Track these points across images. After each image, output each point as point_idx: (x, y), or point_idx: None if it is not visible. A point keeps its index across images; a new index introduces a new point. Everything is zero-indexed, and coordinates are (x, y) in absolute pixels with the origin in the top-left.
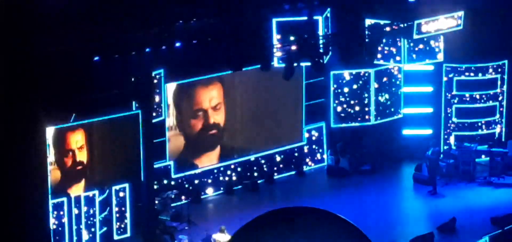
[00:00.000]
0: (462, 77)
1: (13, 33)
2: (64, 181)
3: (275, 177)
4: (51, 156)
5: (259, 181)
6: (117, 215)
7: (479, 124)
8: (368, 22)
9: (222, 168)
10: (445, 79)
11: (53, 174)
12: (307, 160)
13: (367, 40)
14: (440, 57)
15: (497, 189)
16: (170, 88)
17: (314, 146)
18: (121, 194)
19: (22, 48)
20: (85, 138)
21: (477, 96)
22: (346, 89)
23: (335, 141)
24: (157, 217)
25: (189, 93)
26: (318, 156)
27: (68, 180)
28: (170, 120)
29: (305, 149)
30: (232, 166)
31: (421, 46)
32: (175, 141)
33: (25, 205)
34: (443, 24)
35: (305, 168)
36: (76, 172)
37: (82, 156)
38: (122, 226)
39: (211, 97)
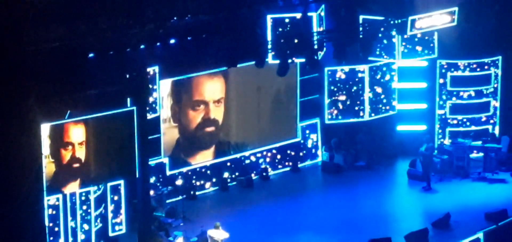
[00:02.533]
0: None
1: (6, 29)
2: (59, 177)
3: (270, 174)
4: (47, 149)
5: (254, 177)
6: (112, 211)
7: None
8: (363, 18)
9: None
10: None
11: (48, 167)
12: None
13: (361, 36)
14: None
15: (491, 184)
16: (168, 79)
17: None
18: (116, 191)
19: (16, 44)
20: (86, 135)
21: (472, 93)
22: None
23: (330, 137)
24: (152, 214)
25: (190, 83)
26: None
27: (63, 177)
28: (165, 113)
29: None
30: (228, 163)
31: None
32: (170, 134)
33: (20, 202)
34: (437, 20)
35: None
36: (72, 170)
37: (80, 153)
38: (118, 221)
39: (214, 89)
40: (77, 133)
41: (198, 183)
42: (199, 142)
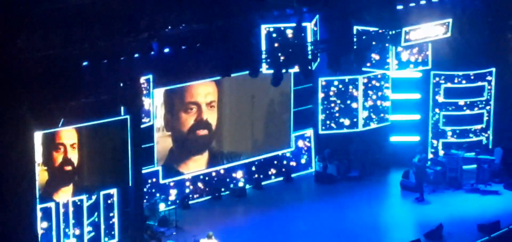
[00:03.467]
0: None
1: (1, 36)
2: (52, 183)
3: (262, 183)
4: (39, 157)
5: (246, 187)
6: (105, 220)
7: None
8: (357, 29)
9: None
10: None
11: (41, 175)
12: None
13: (355, 47)
14: None
15: (484, 196)
16: (162, 88)
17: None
18: (109, 199)
19: (9, 51)
20: (78, 138)
21: (464, 104)
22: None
23: (323, 148)
24: (145, 222)
25: (182, 87)
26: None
27: (56, 182)
28: (158, 122)
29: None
30: (222, 171)
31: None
32: (163, 143)
33: (12, 210)
34: (431, 31)
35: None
36: (65, 174)
37: (73, 155)
38: (110, 230)
39: (207, 92)
40: (68, 135)
41: (191, 186)
42: (192, 146)
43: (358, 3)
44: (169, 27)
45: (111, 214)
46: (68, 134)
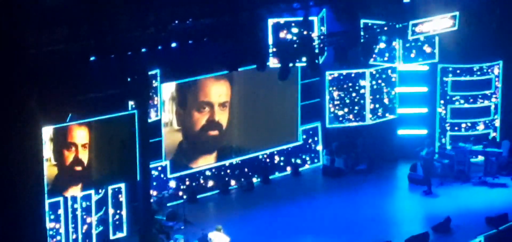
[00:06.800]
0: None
1: (8, 31)
2: (61, 180)
3: (270, 177)
4: (49, 151)
5: (255, 181)
6: (114, 214)
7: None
8: (364, 22)
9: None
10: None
11: (50, 171)
12: None
13: (362, 40)
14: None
15: (491, 189)
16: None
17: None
18: (118, 194)
19: (18, 46)
20: (90, 137)
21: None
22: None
23: (331, 141)
24: (153, 217)
25: (196, 85)
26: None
27: (65, 180)
28: (166, 116)
29: None
30: (227, 164)
31: None
32: (171, 137)
33: (21, 205)
34: (438, 24)
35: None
36: (75, 173)
37: (83, 156)
38: (118, 223)
39: (220, 92)
40: (80, 134)
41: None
42: (202, 146)
43: None
44: (176, 22)
45: (118, 208)
46: (80, 134)
